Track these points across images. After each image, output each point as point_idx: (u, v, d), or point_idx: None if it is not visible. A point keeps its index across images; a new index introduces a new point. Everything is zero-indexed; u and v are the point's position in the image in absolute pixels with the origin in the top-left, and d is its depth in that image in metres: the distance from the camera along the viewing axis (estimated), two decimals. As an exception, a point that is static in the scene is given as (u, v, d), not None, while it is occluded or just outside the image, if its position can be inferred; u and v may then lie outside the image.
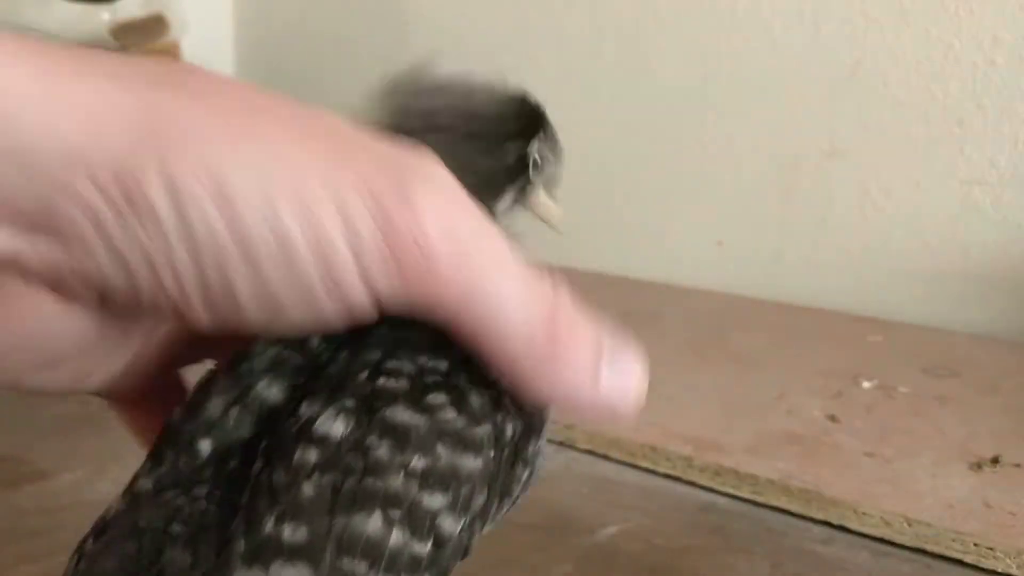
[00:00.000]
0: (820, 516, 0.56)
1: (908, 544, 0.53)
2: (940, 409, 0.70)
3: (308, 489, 0.24)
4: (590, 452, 0.65)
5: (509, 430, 0.27)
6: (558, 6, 1.14)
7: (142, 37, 1.12)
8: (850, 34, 0.96)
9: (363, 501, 0.24)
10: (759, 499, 0.58)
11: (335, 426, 0.25)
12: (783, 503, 0.58)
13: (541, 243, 0.32)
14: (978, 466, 0.61)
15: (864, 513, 0.55)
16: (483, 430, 0.26)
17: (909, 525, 0.54)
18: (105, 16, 1.09)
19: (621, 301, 0.95)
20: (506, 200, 0.34)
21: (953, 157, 0.92)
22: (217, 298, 0.23)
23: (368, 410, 0.25)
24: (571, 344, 0.25)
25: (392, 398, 0.25)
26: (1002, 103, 0.89)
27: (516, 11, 1.17)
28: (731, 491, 0.59)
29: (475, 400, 0.26)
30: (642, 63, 1.09)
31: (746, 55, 1.02)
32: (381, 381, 0.26)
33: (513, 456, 0.28)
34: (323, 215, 0.23)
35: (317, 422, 0.25)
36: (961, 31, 0.90)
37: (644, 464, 0.63)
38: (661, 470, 0.62)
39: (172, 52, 1.16)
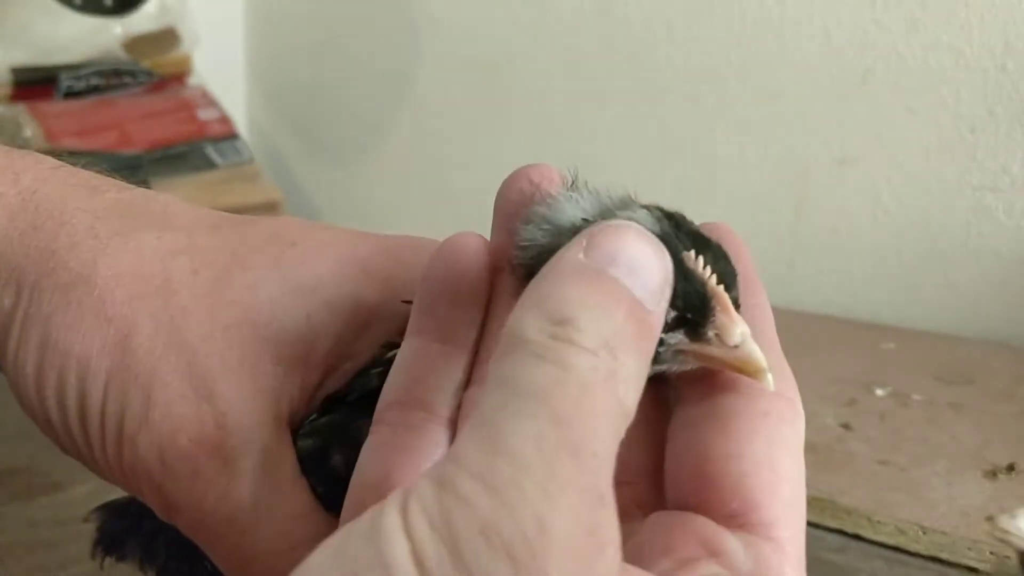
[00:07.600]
0: (834, 525, 0.56)
1: (923, 553, 0.53)
2: (954, 416, 0.70)
3: None
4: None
5: None
6: (568, 15, 1.14)
7: (154, 50, 1.13)
8: (861, 41, 0.96)
9: None
10: (772, 508, 0.58)
11: None
12: (797, 512, 0.57)
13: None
14: (993, 474, 0.60)
15: (878, 521, 0.55)
16: None
17: (924, 533, 0.54)
18: (117, 29, 1.10)
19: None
20: None
21: (965, 164, 0.92)
22: None
23: None
24: None
25: None
26: (1014, 109, 0.89)
27: (527, 20, 1.17)
28: (744, 500, 0.59)
29: None
30: (653, 71, 1.09)
31: (756, 63, 1.02)
32: None
33: None
34: None
35: None
36: (972, 37, 0.90)
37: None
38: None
39: (183, 65, 1.16)
